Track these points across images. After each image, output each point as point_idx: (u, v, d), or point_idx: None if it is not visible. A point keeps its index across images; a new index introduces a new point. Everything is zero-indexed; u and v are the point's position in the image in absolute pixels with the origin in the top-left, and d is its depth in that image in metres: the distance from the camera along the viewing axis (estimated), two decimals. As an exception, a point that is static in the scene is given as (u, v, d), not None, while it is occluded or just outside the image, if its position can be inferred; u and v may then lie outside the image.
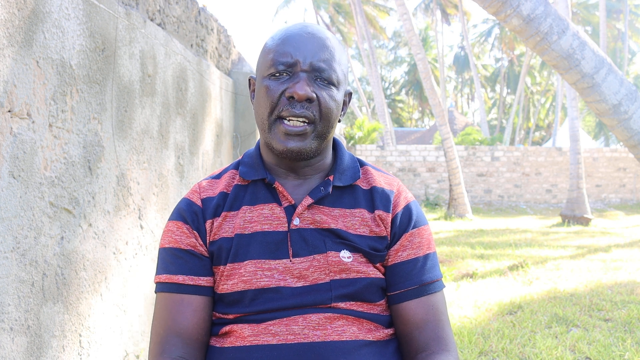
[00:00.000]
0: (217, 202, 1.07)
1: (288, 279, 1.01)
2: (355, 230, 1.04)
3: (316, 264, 1.01)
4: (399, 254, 1.06)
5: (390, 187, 1.10)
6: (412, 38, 10.89)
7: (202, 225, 1.05)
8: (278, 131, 1.00)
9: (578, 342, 3.10)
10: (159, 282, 1.05)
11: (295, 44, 1.00)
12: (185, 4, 3.45)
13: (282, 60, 1.00)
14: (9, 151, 1.54)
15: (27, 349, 1.65)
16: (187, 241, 1.04)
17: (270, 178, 1.06)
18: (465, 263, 5.72)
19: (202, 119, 3.70)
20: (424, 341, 1.02)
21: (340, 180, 1.08)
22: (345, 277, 1.01)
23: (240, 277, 1.01)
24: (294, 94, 0.97)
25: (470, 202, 13.84)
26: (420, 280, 1.05)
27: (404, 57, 41.21)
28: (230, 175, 1.11)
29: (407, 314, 1.03)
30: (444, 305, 1.07)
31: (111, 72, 2.23)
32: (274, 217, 1.04)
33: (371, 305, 1.03)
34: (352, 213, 1.06)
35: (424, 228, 1.10)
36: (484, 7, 3.94)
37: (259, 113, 1.03)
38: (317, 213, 1.04)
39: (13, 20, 1.54)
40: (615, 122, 4.07)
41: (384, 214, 1.06)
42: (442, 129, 10.91)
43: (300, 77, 0.99)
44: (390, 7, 26.69)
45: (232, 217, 1.05)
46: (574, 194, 10.12)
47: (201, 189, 1.10)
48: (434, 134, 22.58)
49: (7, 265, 1.55)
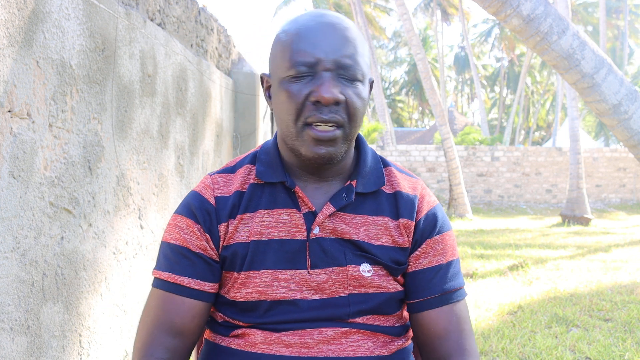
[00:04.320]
0: (232, 202, 0.99)
1: (305, 291, 0.96)
2: (378, 240, 0.98)
3: (335, 277, 0.96)
4: (420, 260, 1.00)
5: (414, 191, 1.04)
6: (412, 38, 10.89)
7: (214, 228, 0.97)
8: (307, 137, 0.91)
9: (578, 342, 3.10)
10: (160, 278, 0.98)
11: (314, 40, 0.90)
12: (185, 4, 3.45)
13: (301, 61, 0.90)
14: (9, 151, 1.54)
15: (27, 349, 1.65)
16: (198, 243, 0.97)
17: (291, 182, 0.98)
18: (465, 263, 5.72)
19: (202, 119, 3.70)
20: (446, 351, 0.98)
21: (364, 186, 1.00)
22: (364, 292, 0.97)
23: (256, 287, 0.96)
24: (321, 98, 0.88)
25: (470, 202, 13.84)
26: (442, 289, 1.00)
27: (404, 57, 41.21)
28: (246, 171, 1.02)
29: (428, 324, 0.99)
30: (467, 314, 1.02)
31: (111, 72, 2.23)
32: (292, 224, 0.97)
33: (387, 318, 1.00)
34: (375, 221, 0.99)
35: (448, 234, 1.04)
36: (484, 7, 3.94)
37: (283, 119, 0.93)
38: (338, 222, 0.98)
39: (13, 20, 1.54)
40: (615, 122, 4.07)
41: (408, 222, 1.00)
42: (442, 129, 10.91)
43: (324, 77, 0.89)
44: (390, 8, 26.70)
45: (248, 220, 0.98)
46: (574, 194, 10.12)
47: (215, 184, 1.01)
48: (434, 134, 22.57)
49: (7, 265, 1.55)
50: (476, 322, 3.58)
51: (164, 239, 1.01)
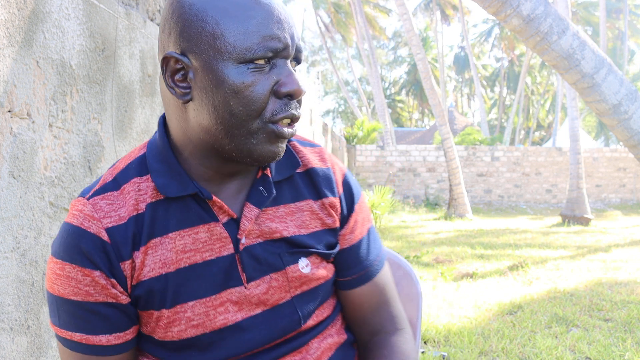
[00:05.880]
0: (131, 232, 0.78)
1: (245, 308, 0.82)
2: (307, 227, 0.87)
3: (275, 284, 0.84)
4: (347, 237, 0.92)
5: (324, 163, 0.92)
6: (412, 38, 10.90)
7: (117, 269, 0.77)
8: (268, 135, 0.76)
9: (578, 342, 3.10)
10: (72, 340, 0.79)
11: (278, 21, 0.74)
12: (185, 4, 3.45)
13: (271, 46, 0.73)
14: (9, 151, 1.54)
15: (27, 349, 1.65)
16: (104, 292, 0.77)
17: (207, 193, 0.80)
18: (465, 263, 5.72)
19: (202, 119, 3.70)
20: (378, 322, 0.94)
21: (279, 172, 0.86)
22: (306, 289, 0.87)
23: (189, 322, 0.80)
24: (294, 92, 0.75)
25: (470, 202, 13.84)
26: (368, 263, 0.93)
27: (404, 57, 41.23)
28: (135, 186, 0.81)
29: (360, 300, 0.94)
30: (390, 279, 0.98)
31: (111, 72, 2.23)
32: (214, 239, 0.81)
33: (329, 301, 0.93)
34: (299, 207, 0.87)
35: (362, 200, 0.95)
36: (484, 7, 3.94)
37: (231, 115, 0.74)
38: (264, 222, 0.84)
39: (13, 20, 1.54)
40: (615, 122, 4.07)
41: (333, 200, 0.90)
42: (442, 129, 10.92)
43: (287, 66, 0.76)
44: (390, 8, 26.71)
45: (156, 248, 0.79)
46: (574, 194, 10.12)
47: (99, 212, 0.78)
48: (434, 134, 22.59)
49: (7, 265, 1.55)
50: (476, 322, 3.58)
51: (57, 293, 0.78)
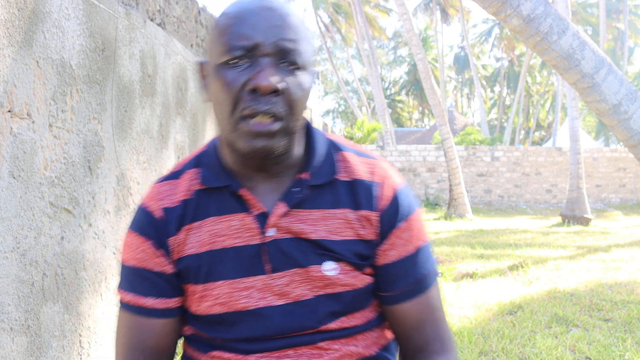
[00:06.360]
0: (179, 213, 0.93)
1: (268, 297, 0.90)
2: (339, 234, 0.91)
3: (297, 279, 0.90)
4: (388, 253, 0.94)
5: (372, 176, 0.95)
6: (412, 38, 10.89)
7: (165, 242, 0.92)
8: (243, 131, 0.83)
9: (578, 342, 3.10)
10: (125, 300, 0.95)
11: (253, 22, 0.82)
12: (185, 4, 3.45)
13: (239, 45, 0.82)
14: (9, 151, 1.54)
15: (27, 349, 1.65)
16: (153, 261, 0.92)
17: (236, 185, 0.91)
18: (465, 263, 5.72)
19: (202, 119, 3.70)
20: (423, 340, 0.95)
21: (317, 178, 0.92)
22: (330, 292, 0.90)
23: (216, 300, 0.90)
24: (257, 86, 0.80)
25: (470, 202, 13.83)
26: (413, 280, 0.94)
27: (404, 57, 41.23)
28: (190, 176, 0.95)
29: (402, 316, 0.95)
30: (439, 299, 0.99)
31: (111, 72, 2.23)
32: (244, 228, 0.91)
33: (362, 312, 0.95)
34: (334, 214, 0.92)
35: (413, 218, 0.96)
36: (484, 7, 3.94)
37: (219, 110, 0.86)
38: (295, 221, 0.90)
39: (13, 20, 1.54)
40: (615, 122, 4.07)
41: (369, 214, 0.93)
42: (442, 129, 10.91)
43: (262, 64, 0.81)
44: (390, 8, 26.71)
45: (197, 229, 0.92)
46: (574, 194, 10.11)
47: (160, 195, 0.95)
48: (434, 134, 22.57)
49: (7, 265, 1.55)
50: (476, 322, 3.58)
51: (122, 259, 0.96)
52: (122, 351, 0.96)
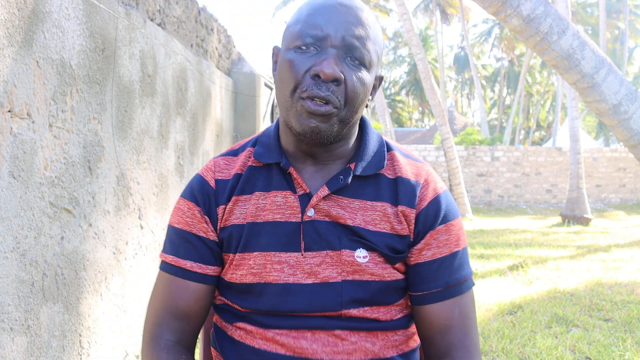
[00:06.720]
0: (230, 185, 0.99)
1: (298, 274, 0.94)
2: (375, 226, 0.95)
3: (329, 261, 0.94)
4: (423, 253, 0.96)
5: (417, 177, 0.99)
6: (412, 38, 10.89)
7: (213, 210, 0.99)
8: (300, 109, 0.88)
9: (578, 342, 3.10)
10: (165, 261, 1.00)
11: (327, 16, 0.89)
12: (185, 4, 3.44)
13: (310, 33, 0.89)
14: (9, 151, 1.54)
15: (27, 349, 1.65)
16: (198, 226, 0.98)
17: (285, 162, 0.97)
18: (465, 263, 5.71)
19: (202, 119, 3.70)
20: (447, 346, 0.95)
21: (363, 169, 0.97)
22: (358, 279, 0.93)
23: (249, 269, 0.95)
24: (321, 72, 0.86)
25: (470, 202, 13.84)
26: (445, 282, 0.95)
27: (404, 57, 41.23)
28: (247, 153, 1.03)
29: (429, 318, 0.96)
30: (472, 308, 0.98)
31: (111, 72, 2.23)
32: (287, 205, 0.96)
33: (388, 308, 0.96)
34: (374, 206, 0.96)
35: (453, 223, 0.98)
36: (484, 7, 3.94)
37: (281, 89, 0.91)
38: (334, 206, 0.95)
39: (13, 20, 1.54)
40: (615, 122, 4.07)
41: (407, 210, 0.96)
42: (442, 129, 10.91)
43: (328, 53, 0.88)
44: (390, 8, 26.70)
45: (244, 201, 0.98)
46: (574, 194, 10.12)
47: (216, 167, 1.02)
48: (434, 134, 22.58)
49: (7, 265, 1.55)
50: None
51: (170, 222, 1.02)
52: (153, 311, 1.00)
